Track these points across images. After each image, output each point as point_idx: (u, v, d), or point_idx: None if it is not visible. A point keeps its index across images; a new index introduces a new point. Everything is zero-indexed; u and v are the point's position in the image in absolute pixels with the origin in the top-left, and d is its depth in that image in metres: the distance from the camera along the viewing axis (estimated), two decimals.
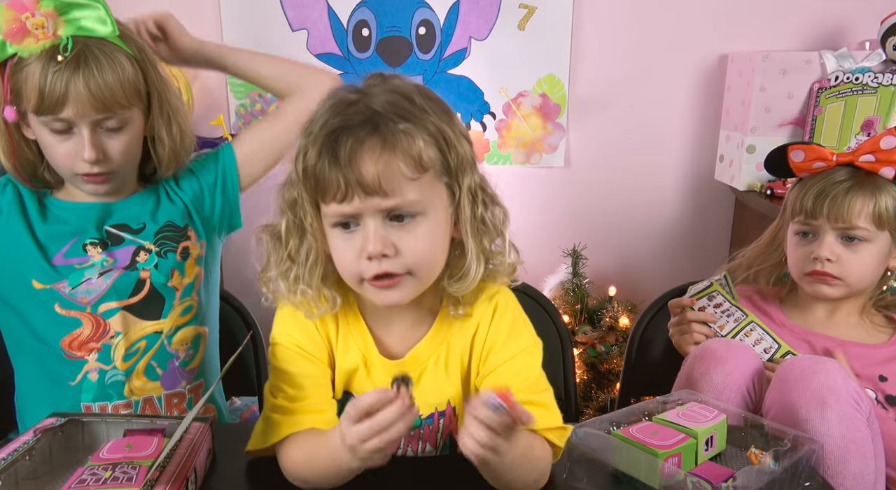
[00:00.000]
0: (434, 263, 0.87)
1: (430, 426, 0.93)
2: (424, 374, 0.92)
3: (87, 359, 1.11)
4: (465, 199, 0.86)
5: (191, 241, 1.19)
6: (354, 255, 0.83)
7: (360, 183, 0.78)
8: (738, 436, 0.91)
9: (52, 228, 1.12)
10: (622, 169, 2.20)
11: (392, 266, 0.82)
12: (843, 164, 1.19)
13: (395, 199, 0.80)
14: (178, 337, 1.17)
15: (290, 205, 0.86)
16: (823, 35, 2.06)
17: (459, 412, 0.93)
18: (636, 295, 2.05)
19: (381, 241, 0.81)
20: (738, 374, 1.09)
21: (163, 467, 0.76)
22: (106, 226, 1.14)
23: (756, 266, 1.33)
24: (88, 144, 1.04)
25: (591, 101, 2.16)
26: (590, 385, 2.01)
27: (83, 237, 1.12)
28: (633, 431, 0.85)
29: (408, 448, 0.95)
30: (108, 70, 1.03)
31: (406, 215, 0.82)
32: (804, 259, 1.21)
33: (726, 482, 0.78)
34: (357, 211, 0.81)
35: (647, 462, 0.81)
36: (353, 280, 0.86)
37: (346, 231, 0.83)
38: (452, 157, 0.84)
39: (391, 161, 0.79)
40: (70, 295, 1.10)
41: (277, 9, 2.06)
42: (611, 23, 2.09)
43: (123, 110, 1.06)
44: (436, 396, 0.93)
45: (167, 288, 1.15)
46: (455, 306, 0.92)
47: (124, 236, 1.14)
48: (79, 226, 1.12)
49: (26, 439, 0.82)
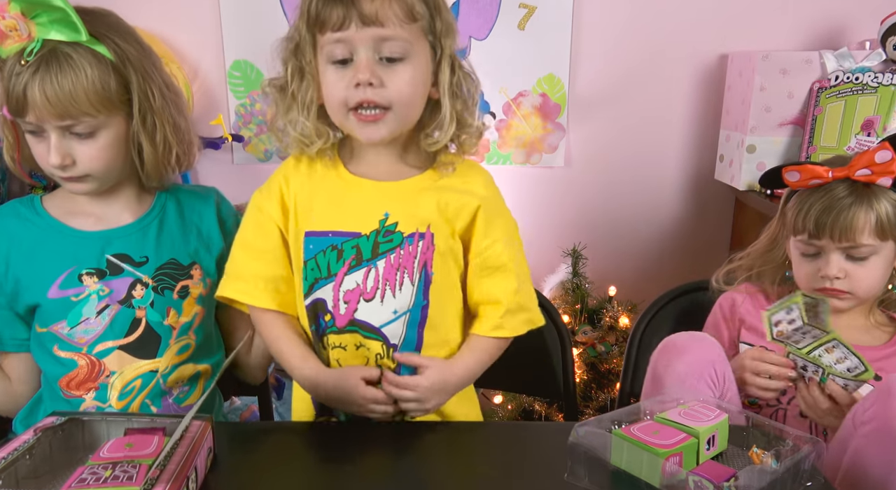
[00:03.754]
0: (412, 105, 1.01)
1: (409, 247, 1.05)
2: (414, 194, 1.06)
3: (84, 398, 1.11)
4: (444, 62, 1.01)
5: (192, 281, 1.16)
6: (344, 85, 0.97)
7: (359, 14, 0.93)
8: (739, 435, 0.91)
9: (46, 256, 1.10)
10: (622, 169, 2.20)
11: (376, 95, 0.97)
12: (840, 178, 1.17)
13: (387, 29, 0.94)
14: (174, 376, 1.15)
15: (292, 51, 1.01)
16: (823, 35, 2.06)
17: (438, 241, 1.06)
18: (636, 295, 2.05)
19: (371, 71, 0.95)
20: (700, 363, 1.10)
21: (163, 466, 0.76)
22: (107, 254, 1.12)
23: (758, 268, 1.32)
24: (53, 149, 1.03)
25: (591, 101, 2.16)
26: (590, 385, 2.01)
27: (80, 267, 1.10)
28: (635, 430, 0.85)
29: (385, 284, 1.05)
30: (69, 76, 1.00)
31: (395, 57, 0.96)
32: (812, 276, 1.20)
33: (728, 482, 0.78)
34: (352, 39, 0.95)
35: (649, 461, 0.81)
36: (340, 110, 1.00)
37: (340, 66, 0.97)
38: (438, 21, 0.99)
39: (387, 2, 0.94)
40: (68, 336, 1.10)
41: (277, 9, 2.06)
42: (611, 23, 2.09)
43: (88, 117, 1.03)
44: (418, 218, 1.05)
45: (163, 326, 1.13)
46: (444, 165, 1.07)
47: (124, 267, 1.12)
48: (76, 255, 1.11)
49: (26, 438, 0.82)
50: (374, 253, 1.04)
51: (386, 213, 1.04)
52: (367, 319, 1.05)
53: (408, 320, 1.06)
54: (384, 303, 1.05)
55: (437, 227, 1.06)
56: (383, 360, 1.06)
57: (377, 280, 1.04)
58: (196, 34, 2.07)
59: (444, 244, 1.06)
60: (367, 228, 1.04)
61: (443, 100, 1.02)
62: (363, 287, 1.04)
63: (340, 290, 1.05)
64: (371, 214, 1.05)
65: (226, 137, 2.09)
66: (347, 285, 1.05)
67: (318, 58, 0.99)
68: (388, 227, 1.04)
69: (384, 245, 1.04)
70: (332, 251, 1.05)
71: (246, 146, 2.16)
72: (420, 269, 1.05)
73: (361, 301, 1.05)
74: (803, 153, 1.85)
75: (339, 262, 1.05)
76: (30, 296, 1.10)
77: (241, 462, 0.90)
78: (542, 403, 1.99)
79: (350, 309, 1.05)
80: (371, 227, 1.04)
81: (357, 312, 1.05)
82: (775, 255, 1.30)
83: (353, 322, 1.05)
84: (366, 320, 1.05)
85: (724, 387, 1.12)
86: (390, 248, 1.04)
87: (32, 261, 1.10)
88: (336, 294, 1.05)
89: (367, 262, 1.04)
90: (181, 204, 1.20)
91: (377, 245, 1.04)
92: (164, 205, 1.18)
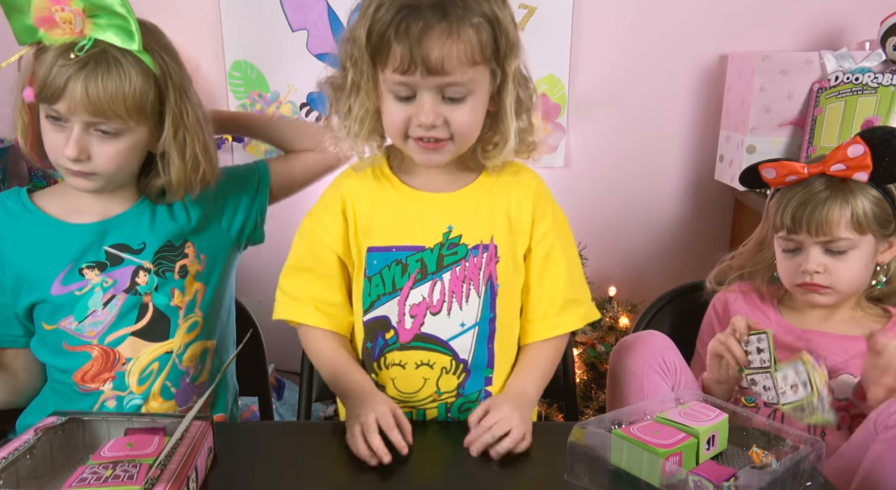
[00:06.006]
0: (472, 133, 1.01)
1: (474, 258, 1.05)
2: (474, 205, 1.06)
3: (102, 389, 1.12)
4: (510, 82, 0.99)
5: (188, 259, 1.18)
6: (405, 118, 0.97)
7: (424, 62, 0.90)
8: (739, 435, 0.91)
9: (42, 252, 1.11)
10: (622, 169, 2.20)
11: (438, 132, 0.97)
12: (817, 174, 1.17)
13: (452, 77, 0.92)
14: (188, 354, 1.17)
15: (352, 61, 0.98)
16: (823, 35, 2.06)
17: (502, 253, 1.06)
18: (636, 295, 2.05)
19: (435, 114, 0.95)
20: (648, 356, 1.16)
21: (164, 466, 0.76)
22: (105, 246, 1.13)
23: (748, 268, 1.33)
24: (72, 141, 1.04)
25: (591, 101, 2.15)
26: (590, 385, 2.01)
27: (80, 261, 1.11)
28: (635, 430, 0.85)
29: (452, 296, 1.05)
30: (114, 79, 1.02)
31: (457, 96, 0.95)
32: (793, 272, 1.21)
33: (728, 481, 0.78)
34: (416, 84, 0.93)
35: (649, 461, 0.81)
36: (399, 137, 1.00)
37: (402, 100, 0.96)
38: (503, 43, 0.96)
39: (454, 48, 0.91)
40: (76, 330, 1.11)
41: (277, 9, 2.06)
42: (611, 23, 2.09)
43: (119, 120, 1.05)
44: (481, 229, 1.06)
45: (171, 308, 1.15)
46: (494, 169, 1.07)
47: (124, 257, 1.13)
48: (75, 249, 1.11)
49: (27, 438, 0.82)
50: (440, 266, 1.04)
51: (449, 225, 1.05)
52: (435, 333, 1.05)
53: (477, 334, 1.05)
54: (451, 315, 1.05)
55: (500, 237, 1.06)
56: (448, 374, 1.06)
57: (443, 292, 1.04)
58: (196, 34, 2.07)
59: (508, 254, 1.06)
60: (431, 242, 1.05)
61: (506, 120, 1.01)
62: (429, 300, 1.04)
63: (406, 304, 1.05)
64: (434, 228, 1.05)
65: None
66: (413, 299, 1.05)
67: (380, 82, 0.97)
68: (452, 240, 1.05)
69: (449, 258, 1.04)
70: (397, 266, 1.05)
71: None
72: (486, 281, 1.05)
73: (428, 314, 1.05)
74: (803, 154, 1.85)
75: (403, 276, 1.05)
76: (32, 294, 1.11)
77: (242, 462, 0.90)
78: (541, 403, 1.99)
79: (416, 322, 1.05)
80: (435, 241, 1.05)
81: (424, 326, 1.05)
82: (765, 256, 1.31)
83: (420, 336, 1.05)
84: (433, 334, 1.05)
85: (676, 376, 1.16)
86: (455, 261, 1.05)
87: (30, 258, 1.11)
88: (402, 308, 1.05)
89: (432, 276, 1.05)
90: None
91: (442, 258, 1.04)
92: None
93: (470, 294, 1.05)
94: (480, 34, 0.92)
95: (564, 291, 1.09)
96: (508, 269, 1.07)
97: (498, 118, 1.01)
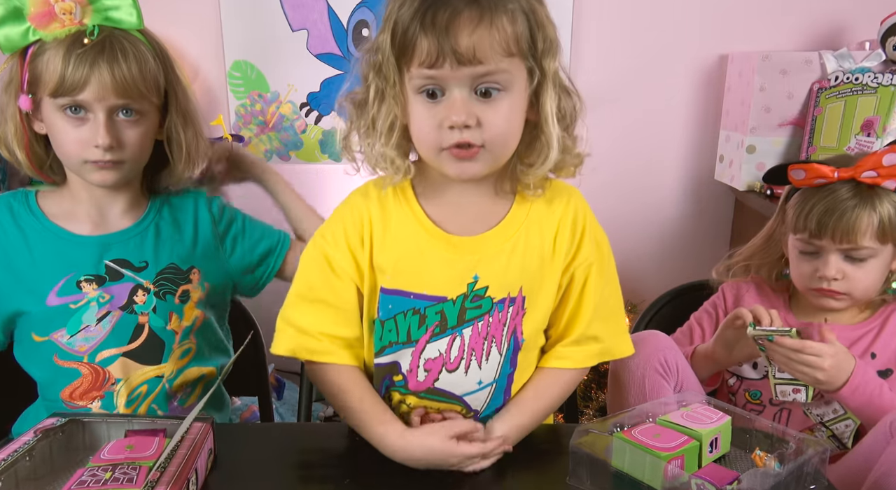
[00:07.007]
0: (509, 140, 0.88)
1: (499, 313, 0.94)
2: (504, 251, 0.94)
3: (90, 407, 1.10)
4: (547, 84, 0.88)
5: (192, 285, 1.16)
6: (436, 124, 0.85)
7: (454, 51, 0.80)
8: (742, 438, 0.91)
9: (42, 261, 1.09)
10: (622, 169, 2.20)
11: (472, 136, 0.84)
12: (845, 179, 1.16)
13: (485, 66, 0.82)
14: (180, 380, 1.15)
15: (375, 70, 0.88)
16: (823, 35, 2.06)
17: (530, 304, 0.96)
18: (636, 295, 2.05)
19: (466, 112, 0.83)
20: (648, 355, 1.14)
21: (164, 468, 0.76)
22: (105, 260, 1.11)
23: (756, 261, 1.33)
24: (104, 129, 1.03)
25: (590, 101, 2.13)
26: (590, 385, 2.01)
27: (78, 274, 1.09)
28: (637, 433, 0.85)
29: (472, 354, 0.95)
30: (133, 58, 1.03)
31: (492, 89, 0.84)
32: (809, 276, 1.20)
33: (731, 484, 0.78)
34: (445, 77, 0.83)
35: (651, 464, 0.81)
36: (432, 149, 0.87)
37: (430, 100, 0.85)
38: (540, 39, 0.85)
39: (486, 35, 0.81)
40: (68, 344, 1.09)
41: (277, 9, 2.06)
42: (611, 22, 2.09)
43: (142, 99, 1.06)
44: (510, 280, 0.94)
45: (166, 332, 1.13)
46: (533, 189, 0.94)
47: (124, 273, 1.11)
48: (74, 261, 1.10)
49: (27, 439, 0.82)
50: (461, 320, 0.94)
51: (475, 275, 0.93)
52: (449, 389, 0.96)
53: (494, 389, 0.97)
54: (468, 373, 0.95)
55: (530, 285, 0.95)
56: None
57: (462, 350, 0.94)
58: (196, 34, 2.06)
59: (536, 305, 0.96)
60: (453, 292, 0.93)
61: (547, 127, 0.89)
62: (446, 357, 0.94)
63: (421, 357, 0.95)
64: (459, 277, 0.93)
65: (226, 138, 2.09)
66: (429, 353, 0.95)
67: (406, 84, 0.87)
68: (476, 292, 0.93)
69: (472, 311, 0.94)
70: (414, 315, 0.93)
71: (246, 146, 2.15)
72: (509, 338, 0.95)
73: (444, 371, 0.95)
74: (803, 154, 1.85)
75: (420, 328, 0.94)
76: (24, 301, 1.09)
77: (242, 463, 0.90)
78: None
79: (430, 377, 0.95)
80: (458, 291, 0.93)
81: (438, 381, 0.95)
82: (771, 252, 1.30)
83: (433, 390, 0.96)
84: (447, 389, 0.96)
85: (677, 376, 1.15)
86: (479, 315, 0.94)
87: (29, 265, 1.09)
88: (416, 360, 0.95)
89: (451, 330, 0.94)
90: (173, 207, 1.20)
91: (464, 311, 0.93)
92: (160, 209, 1.18)
93: (491, 352, 0.95)
94: (515, 23, 0.82)
95: (584, 327, 0.99)
96: (536, 322, 0.97)
97: (538, 128, 0.90)
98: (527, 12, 0.84)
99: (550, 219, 0.97)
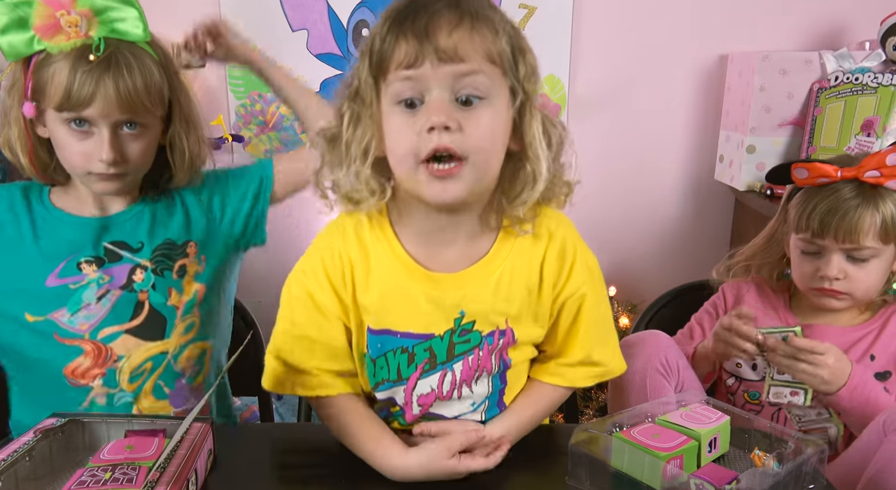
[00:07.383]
0: (492, 156, 0.84)
1: (489, 346, 0.93)
2: (490, 285, 0.92)
3: (91, 385, 1.11)
4: (530, 107, 0.85)
5: (188, 259, 1.16)
6: (415, 131, 0.80)
7: (435, 49, 0.77)
8: (741, 437, 0.91)
9: (45, 244, 1.10)
10: (622, 169, 2.20)
11: (453, 141, 0.79)
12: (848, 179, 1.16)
13: (468, 65, 0.79)
14: (184, 355, 1.15)
15: (351, 97, 0.85)
16: (823, 35, 2.07)
17: (519, 336, 0.94)
18: (636, 295, 2.05)
19: (447, 112, 0.79)
20: (648, 355, 1.15)
21: (163, 468, 0.76)
22: (104, 242, 1.12)
23: (757, 261, 1.33)
24: (108, 146, 1.04)
25: (590, 101, 2.15)
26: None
27: (79, 255, 1.10)
28: (635, 433, 0.85)
29: (462, 384, 0.94)
30: (138, 73, 1.03)
31: (473, 97, 0.80)
32: (811, 275, 1.20)
33: (730, 484, 0.78)
34: (425, 78, 0.79)
35: (650, 464, 0.81)
36: (408, 161, 0.82)
37: (409, 110, 0.81)
38: (522, 64, 0.84)
39: (468, 35, 0.78)
40: (68, 323, 1.09)
41: (277, 9, 2.06)
42: (611, 23, 2.09)
43: (147, 114, 1.06)
44: (497, 313, 0.92)
45: (167, 307, 1.14)
46: (519, 224, 0.91)
47: (122, 254, 1.12)
48: (75, 242, 1.11)
49: (27, 440, 0.82)
50: (450, 355, 0.93)
51: (462, 311, 0.91)
52: (443, 413, 0.96)
53: (487, 405, 0.97)
54: (462, 399, 0.95)
55: (518, 317, 0.94)
56: None
57: (454, 383, 0.94)
58: None
59: (524, 336, 0.96)
60: (440, 329, 0.92)
61: (531, 152, 0.86)
62: (439, 391, 0.94)
63: (413, 394, 0.94)
64: (445, 314, 0.91)
65: (226, 138, 2.09)
66: (421, 390, 0.94)
67: (382, 101, 0.83)
68: (464, 326, 0.92)
69: (461, 346, 0.92)
70: (402, 353, 0.92)
71: (246, 146, 2.15)
72: (498, 361, 0.95)
73: (436, 402, 0.95)
74: (803, 153, 1.85)
75: (410, 366, 0.93)
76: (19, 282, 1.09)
77: (242, 463, 0.90)
78: None
79: (424, 409, 0.95)
80: (445, 327, 0.92)
81: (432, 408, 0.95)
82: (772, 252, 1.30)
83: (428, 415, 0.96)
84: (441, 414, 0.96)
85: (678, 376, 1.16)
86: (468, 350, 0.93)
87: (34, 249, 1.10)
88: (408, 396, 0.95)
89: (441, 366, 0.93)
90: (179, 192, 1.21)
91: (453, 346, 0.92)
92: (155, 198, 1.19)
93: (482, 376, 0.95)
94: (497, 36, 0.80)
95: (585, 355, 0.98)
96: (525, 352, 0.98)
97: (522, 158, 0.87)
98: (510, 34, 0.83)
99: (537, 248, 0.94)
